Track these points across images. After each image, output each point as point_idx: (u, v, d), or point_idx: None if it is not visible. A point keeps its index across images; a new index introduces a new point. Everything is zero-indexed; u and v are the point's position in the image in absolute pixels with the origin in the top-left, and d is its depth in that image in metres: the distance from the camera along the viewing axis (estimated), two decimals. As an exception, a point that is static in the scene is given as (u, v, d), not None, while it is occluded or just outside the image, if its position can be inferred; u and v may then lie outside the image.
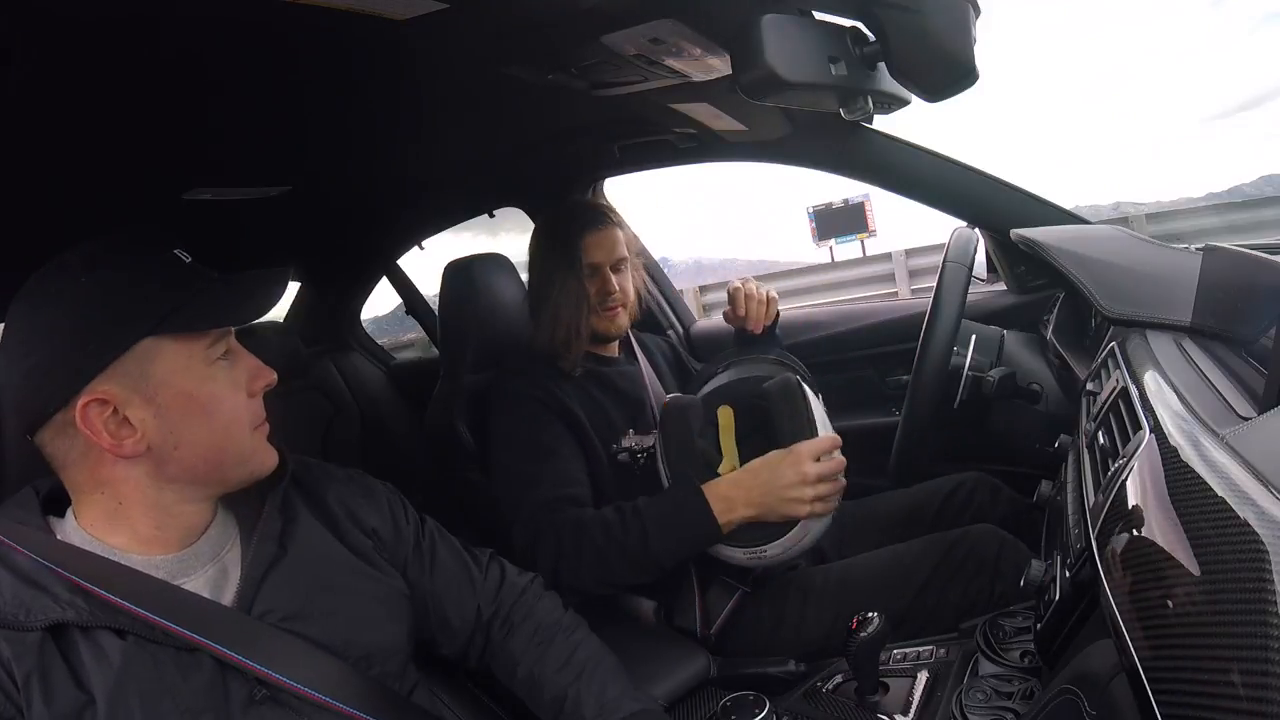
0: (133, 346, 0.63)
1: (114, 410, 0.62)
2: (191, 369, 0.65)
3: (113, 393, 0.62)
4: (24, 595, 0.60)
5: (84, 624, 0.60)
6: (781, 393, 1.10)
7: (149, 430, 0.64)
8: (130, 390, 0.63)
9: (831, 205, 7.67)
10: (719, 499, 1.05)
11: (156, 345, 0.64)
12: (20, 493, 0.68)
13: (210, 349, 0.67)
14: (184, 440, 0.65)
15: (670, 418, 1.15)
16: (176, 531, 0.68)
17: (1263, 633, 0.36)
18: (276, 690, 0.65)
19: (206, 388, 0.66)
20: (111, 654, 0.60)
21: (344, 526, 0.78)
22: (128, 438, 0.63)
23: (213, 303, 0.67)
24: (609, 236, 1.30)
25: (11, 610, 0.59)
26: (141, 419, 0.63)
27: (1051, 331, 1.24)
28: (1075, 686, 0.57)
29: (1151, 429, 0.61)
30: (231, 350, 0.70)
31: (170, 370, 0.64)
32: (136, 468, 0.65)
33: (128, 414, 0.63)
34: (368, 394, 2.13)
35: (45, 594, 0.60)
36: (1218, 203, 6.84)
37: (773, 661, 1.11)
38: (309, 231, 1.72)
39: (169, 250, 0.67)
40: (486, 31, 0.78)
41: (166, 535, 0.67)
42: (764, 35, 0.62)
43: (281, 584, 0.70)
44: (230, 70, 0.77)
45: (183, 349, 0.65)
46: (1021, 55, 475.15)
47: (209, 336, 0.66)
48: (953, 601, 1.09)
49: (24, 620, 0.59)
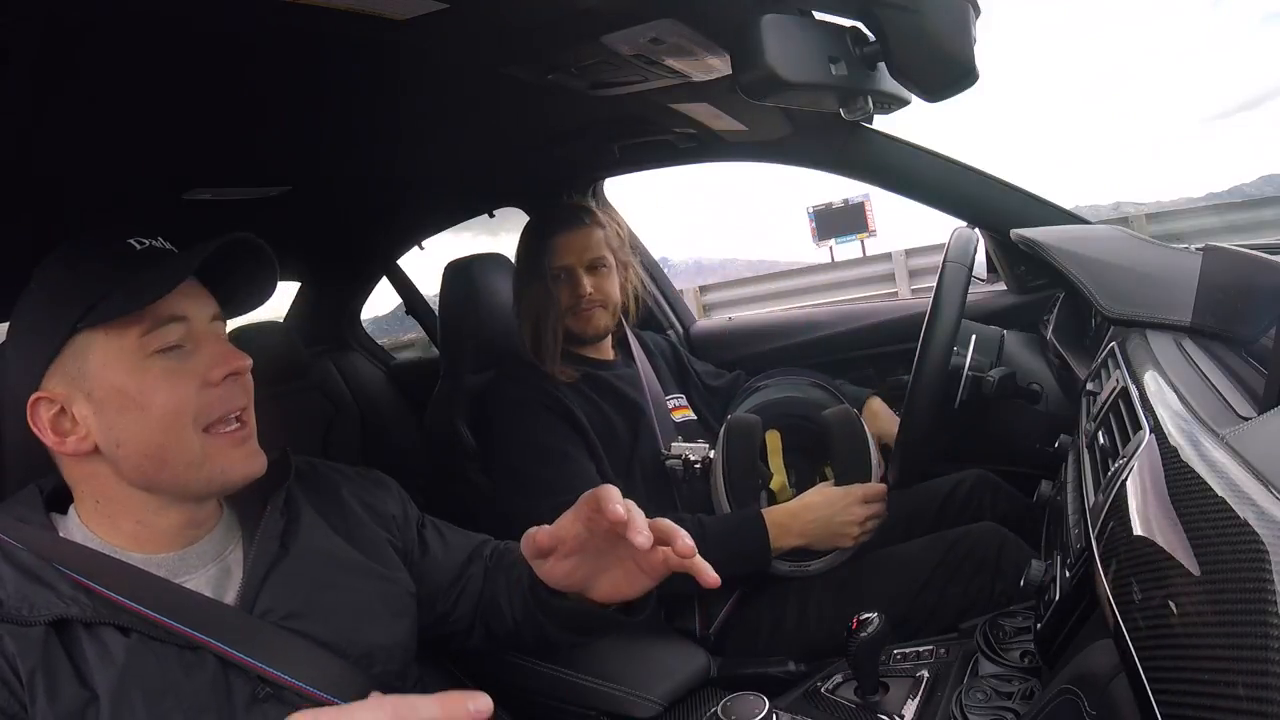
0: (68, 342, 0.62)
1: (61, 408, 0.62)
2: (123, 361, 0.63)
3: (57, 391, 0.62)
4: (27, 590, 0.59)
5: (87, 620, 0.60)
6: (843, 424, 1.20)
7: (91, 428, 0.63)
8: (71, 387, 0.62)
9: (831, 205, 7.67)
10: (774, 525, 1.12)
11: (89, 339, 0.62)
12: (24, 490, 0.68)
13: (145, 339, 0.63)
14: (123, 438, 0.63)
15: (734, 435, 1.22)
16: (164, 531, 0.67)
17: (1263, 633, 0.36)
18: (279, 688, 0.64)
19: (137, 380, 0.63)
20: (115, 651, 0.60)
21: (356, 524, 0.78)
22: (70, 435, 0.63)
23: (136, 287, 0.62)
24: (580, 237, 1.29)
25: (14, 605, 0.58)
26: (84, 416, 0.63)
27: (1051, 331, 1.23)
28: (1075, 686, 0.57)
29: (1151, 429, 0.61)
30: (193, 338, 0.66)
31: (103, 363, 0.62)
32: (98, 466, 0.64)
33: (73, 411, 0.62)
34: (368, 394, 2.13)
35: (49, 589, 0.60)
36: (1218, 203, 6.85)
37: (773, 661, 1.11)
38: (309, 231, 1.72)
39: (124, 239, 0.65)
40: (486, 31, 0.78)
41: (155, 534, 0.66)
42: (764, 35, 0.62)
43: (283, 583, 0.69)
44: (230, 70, 0.77)
45: (114, 341, 0.63)
46: (1021, 55, 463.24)
47: (141, 325, 0.63)
48: (954, 600, 1.09)
49: (27, 615, 0.58)
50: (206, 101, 0.83)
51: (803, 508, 1.14)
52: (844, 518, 1.12)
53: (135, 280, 0.63)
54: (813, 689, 0.97)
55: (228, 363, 0.66)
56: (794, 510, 1.14)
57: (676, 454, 1.28)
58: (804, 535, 1.13)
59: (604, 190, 1.83)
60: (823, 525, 1.13)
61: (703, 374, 1.58)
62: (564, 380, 1.27)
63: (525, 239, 1.35)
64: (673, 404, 1.42)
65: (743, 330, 1.93)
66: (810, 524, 1.13)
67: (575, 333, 1.30)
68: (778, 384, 1.44)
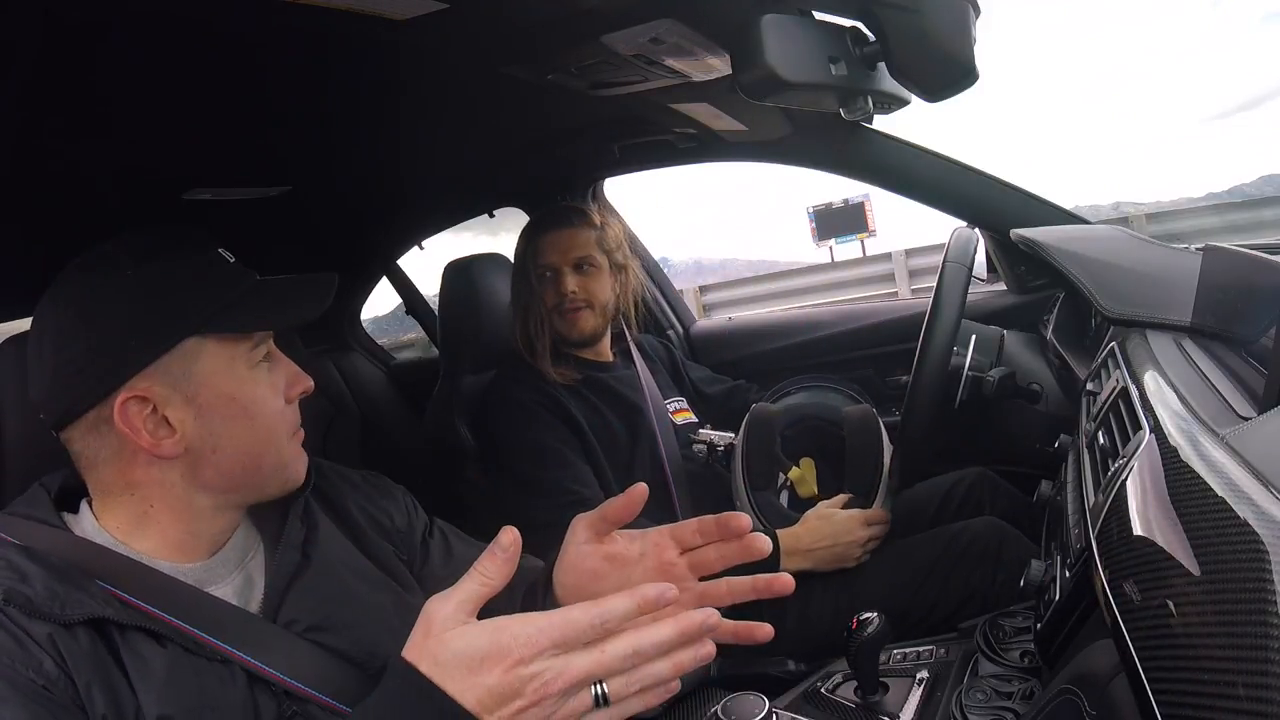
0: (178, 344, 0.61)
1: (153, 409, 0.61)
2: (234, 370, 0.64)
3: (153, 391, 0.60)
4: (56, 588, 0.55)
5: (122, 622, 0.57)
6: (861, 422, 1.24)
7: (188, 431, 0.62)
8: (171, 389, 0.61)
9: (831, 205, 7.67)
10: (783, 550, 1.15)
11: (201, 344, 0.62)
12: (29, 491, 0.64)
13: (253, 351, 0.65)
14: (223, 443, 0.64)
15: (755, 425, 1.27)
16: (206, 539, 0.65)
17: (1263, 633, 0.36)
18: (304, 703, 0.62)
19: (248, 390, 0.65)
20: (152, 660, 0.57)
21: (366, 536, 0.76)
22: (166, 438, 0.61)
23: (259, 304, 0.66)
24: (567, 236, 1.30)
25: (45, 601, 0.54)
26: (181, 419, 0.61)
27: (1051, 331, 1.24)
28: (1075, 686, 0.57)
29: (1151, 429, 0.61)
30: (271, 354, 0.68)
31: (213, 370, 0.63)
32: (171, 470, 0.63)
33: (167, 413, 0.61)
34: (368, 394, 2.13)
35: (79, 590, 0.56)
36: (1218, 203, 6.85)
37: (773, 661, 1.11)
38: (309, 231, 1.72)
39: (214, 249, 0.66)
40: (486, 31, 0.78)
41: (197, 542, 0.65)
42: (764, 35, 0.62)
43: (306, 593, 0.67)
44: (230, 70, 0.77)
45: (226, 349, 0.64)
46: (1021, 55, 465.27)
47: (252, 339, 0.65)
48: (955, 592, 1.10)
49: (60, 613, 0.54)
50: (207, 101, 0.83)
51: (809, 534, 1.16)
52: (848, 539, 1.15)
53: (258, 298, 0.66)
54: (813, 689, 0.97)
55: (303, 382, 0.70)
56: (799, 534, 1.17)
57: (703, 439, 1.34)
58: (809, 559, 1.16)
59: (604, 190, 1.83)
60: (828, 550, 1.15)
61: (698, 380, 1.58)
62: (563, 383, 1.27)
63: (520, 238, 1.36)
64: (673, 406, 1.43)
65: (743, 330, 1.93)
66: (817, 550, 1.15)
67: (562, 333, 1.30)
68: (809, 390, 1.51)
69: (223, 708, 0.58)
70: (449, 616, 0.49)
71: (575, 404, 1.25)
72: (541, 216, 1.36)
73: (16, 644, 0.52)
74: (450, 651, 0.47)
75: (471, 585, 0.50)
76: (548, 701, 0.46)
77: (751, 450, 1.25)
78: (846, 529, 1.16)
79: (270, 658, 0.62)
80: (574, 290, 1.28)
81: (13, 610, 0.53)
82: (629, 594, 0.48)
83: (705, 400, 1.55)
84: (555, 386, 1.25)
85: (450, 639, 0.48)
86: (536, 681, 0.46)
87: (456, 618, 0.49)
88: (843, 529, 1.16)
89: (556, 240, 1.29)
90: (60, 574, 0.57)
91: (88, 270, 0.62)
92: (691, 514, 1.28)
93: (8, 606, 0.53)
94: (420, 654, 0.48)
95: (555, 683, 0.46)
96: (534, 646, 0.46)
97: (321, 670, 0.64)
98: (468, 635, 0.48)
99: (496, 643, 0.47)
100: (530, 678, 0.46)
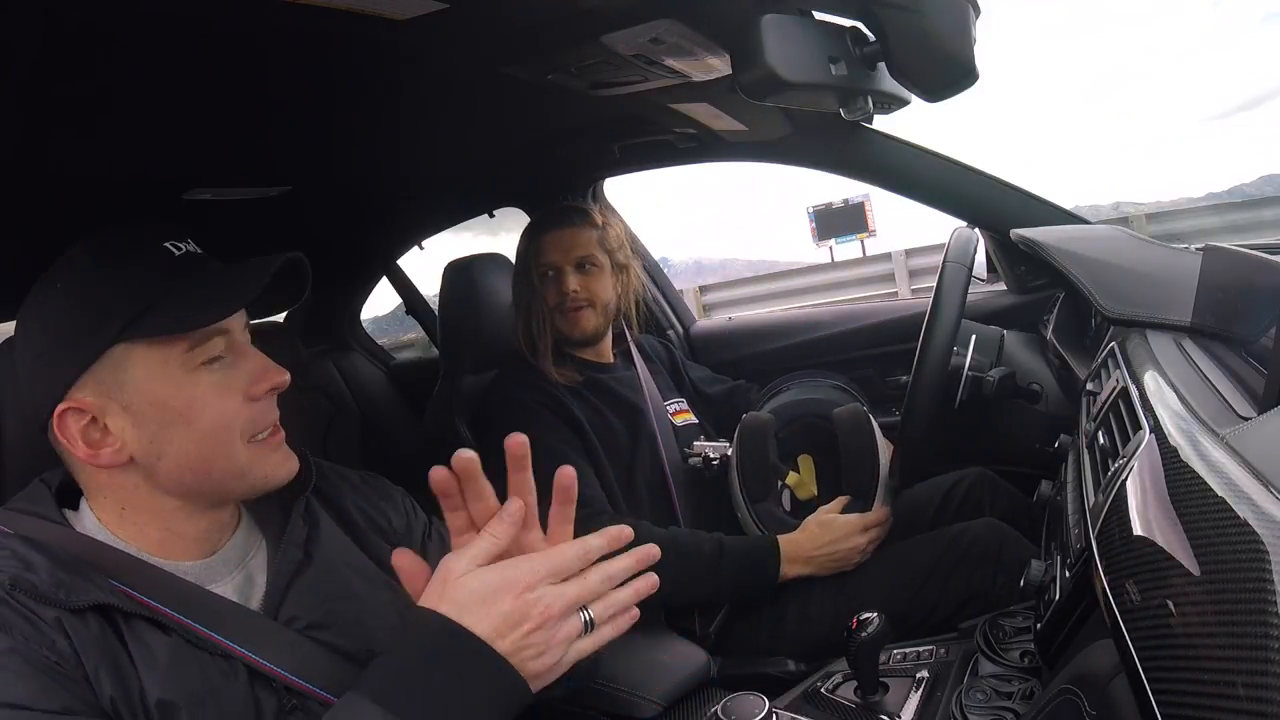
0: (105, 353, 0.59)
1: (93, 419, 0.60)
2: (168, 375, 0.61)
3: (88, 401, 0.59)
4: (61, 576, 0.56)
5: (127, 611, 0.57)
6: (852, 423, 1.24)
7: (129, 440, 0.60)
8: (107, 398, 0.59)
9: (831, 205, 7.67)
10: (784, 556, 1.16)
11: (129, 350, 0.60)
12: (30, 487, 0.64)
13: (191, 352, 0.61)
14: (165, 450, 0.61)
15: (747, 434, 1.27)
16: (192, 538, 0.65)
17: (1263, 633, 0.36)
18: (304, 699, 0.62)
19: (185, 394, 0.61)
20: (156, 647, 0.57)
21: (365, 535, 0.76)
22: (106, 447, 0.60)
23: (185, 301, 0.60)
24: (568, 235, 1.30)
25: (50, 588, 0.54)
26: (120, 428, 0.60)
27: (1051, 331, 1.24)
28: (1075, 686, 0.57)
29: (1151, 429, 0.61)
30: (233, 350, 0.64)
31: (145, 377, 0.60)
32: (129, 475, 0.62)
33: (107, 422, 0.60)
34: (368, 394, 2.13)
35: (84, 580, 0.56)
36: (1218, 203, 6.84)
37: (773, 661, 1.11)
38: (309, 231, 1.72)
39: (160, 243, 0.62)
40: (486, 31, 0.78)
41: (183, 542, 0.64)
42: (764, 35, 0.62)
43: (307, 591, 0.67)
44: (230, 70, 0.77)
45: (158, 353, 0.60)
46: (1021, 55, 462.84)
47: (188, 339, 0.61)
48: (955, 593, 1.10)
49: (66, 599, 0.54)
50: (206, 101, 0.83)
51: (808, 541, 1.17)
52: (849, 544, 1.16)
53: (184, 295, 0.61)
54: (813, 689, 0.97)
55: (269, 378, 0.65)
56: (799, 541, 1.17)
57: (698, 452, 1.34)
58: (809, 565, 1.16)
59: (604, 190, 1.83)
60: (829, 556, 1.16)
61: (698, 381, 1.58)
62: (564, 383, 1.27)
63: (521, 238, 1.36)
64: (673, 408, 1.43)
65: (743, 330, 1.93)
66: (816, 556, 1.16)
67: (564, 333, 1.30)
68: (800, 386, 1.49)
69: (224, 699, 0.59)
70: (464, 568, 0.55)
71: (576, 405, 1.25)
72: (544, 216, 1.36)
73: (29, 624, 0.53)
74: (467, 591, 0.54)
75: (483, 544, 0.57)
76: (550, 623, 0.54)
77: (746, 462, 1.26)
78: (846, 534, 1.16)
79: (271, 654, 0.62)
80: (576, 289, 1.28)
81: (20, 595, 0.53)
82: (600, 534, 0.60)
83: (705, 400, 1.55)
84: (557, 387, 1.25)
85: (466, 580, 0.55)
86: (540, 605, 0.54)
87: (469, 569, 0.55)
88: (843, 534, 1.16)
89: (559, 240, 1.30)
90: (64, 563, 0.57)
91: (46, 279, 0.61)
92: (691, 514, 1.29)
93: (15, 592, 0.53)
94: (439, 599, 0.54)
95: (556, 604, 0.55)
96: (536, 575, 0.55)
97: (322, 666, 0.64)
98: (481, 576, 0.55)
99: (505, 577, 0.55)
100: (535, 601, 0.54)
